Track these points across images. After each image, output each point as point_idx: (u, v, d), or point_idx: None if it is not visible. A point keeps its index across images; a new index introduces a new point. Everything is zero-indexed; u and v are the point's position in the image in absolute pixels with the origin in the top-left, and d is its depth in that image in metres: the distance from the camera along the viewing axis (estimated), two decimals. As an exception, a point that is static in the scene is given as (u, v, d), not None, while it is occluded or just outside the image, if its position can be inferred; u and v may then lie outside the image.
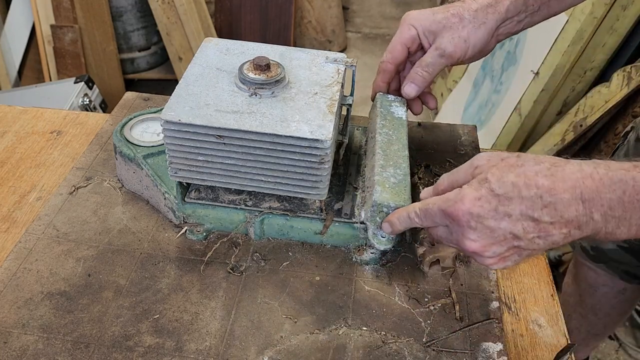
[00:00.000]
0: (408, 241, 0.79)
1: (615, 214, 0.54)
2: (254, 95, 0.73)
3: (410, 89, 0.81)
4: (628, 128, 1.10)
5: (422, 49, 0.82)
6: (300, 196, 0.75)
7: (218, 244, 0.78)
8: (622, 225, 0.55)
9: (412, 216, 0.65)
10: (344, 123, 0.86)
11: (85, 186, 0.85)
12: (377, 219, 0.70)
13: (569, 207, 0.55)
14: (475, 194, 0.58)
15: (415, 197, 0.70)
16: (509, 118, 1.91)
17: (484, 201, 0.57)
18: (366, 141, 0.84)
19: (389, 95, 0.85)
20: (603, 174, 0.54)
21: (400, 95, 0.84)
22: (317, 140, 0.69)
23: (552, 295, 0.75)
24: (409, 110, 0.85)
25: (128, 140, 0.84)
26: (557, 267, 1.81)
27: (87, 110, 2.19)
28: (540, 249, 0.58)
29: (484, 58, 2.30)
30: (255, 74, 0.74)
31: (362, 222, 0.76)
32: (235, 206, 0.78)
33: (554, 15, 0.83)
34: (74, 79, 2.27)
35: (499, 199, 0.56)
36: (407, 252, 0.78)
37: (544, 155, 0.59)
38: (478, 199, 0.57)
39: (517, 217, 0.56)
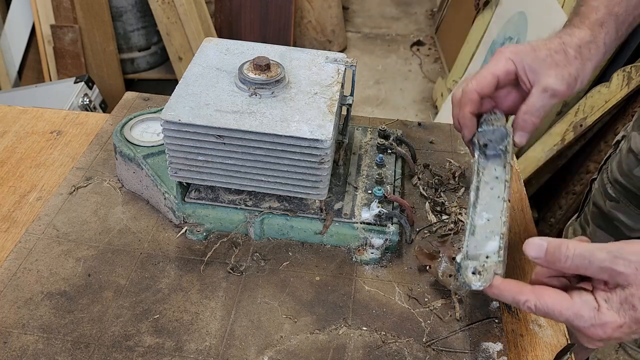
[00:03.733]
0: (408, 241, 0.79)
1: None
2: (254, 95, 0.73)
3: (522, 138, 0.73)
4: (619, 137, 1.10)
5: (513, 86, 0.74)
6: (300, 196, 0.75)
7: (218, 244, 0.78)
8: None
9: (525, 307, 0.57)
10: (344, 123, 0.86)
11: (85, 186, 0.85)
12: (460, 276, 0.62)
13: None
14: (618, 322, 0.53)
15: (414, 196, 0.69)
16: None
17: (625, 328, 0.53)
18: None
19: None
20: None
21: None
22: (317, 140, 0.69)
23: (552, 295, 0.75)
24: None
25: (128, 140, 0.84)
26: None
27: (87, 110, 2.19)
28: None
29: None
30: (255, 74, 0.74)
31: (362, 222, 0.76)
32: (235, 206, 0.78)
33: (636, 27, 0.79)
34: (74, 79, 2.27)
35: (631, 322, 0.53)
36: (407, 251, 0.78)
37: None
38: (620, 326, 0.53)
39: None
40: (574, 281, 0.59)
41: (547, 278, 0.59)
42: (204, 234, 0.78)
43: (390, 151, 0.88)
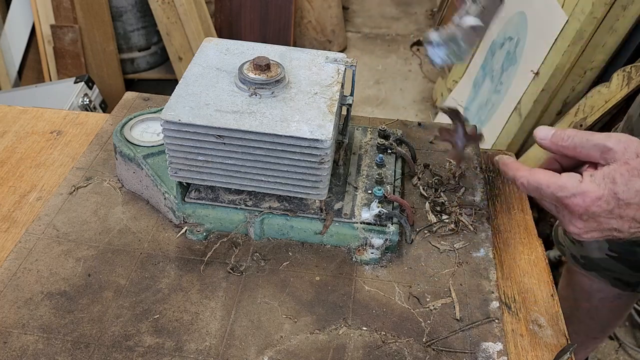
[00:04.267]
0: (408, 241, 0.79)
1: None
2: (254, 95, 0.73)
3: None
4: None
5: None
6: (300, 196, 0.75)
7: (218, 244, 0.78)
8: None
9: (519, 183, 0.65)
10: (344, 123, 0.86)
11: (85, 186, 0.85)
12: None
13: None
14: (597, 192, 0.57)
15: (414, 196, 0.69)
16: (509, 118, 1.91)
17: (603, 201, 0.57)
18: None
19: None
20: None
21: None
22: (317, 140, 0.69)
23: (552, 295, 0.75)
24: None
25: (128, 140, 0.84)
26: (557, 267, 1.81)
27: (87, 110, 2.19)
28: (632, 239, 0.61)
29: (483, 60, 2.30)
30: (255, 74, 0.74)
31: (362, 222, 0.76)
32: (235, 206, 0.78)
33: None
34: (74, 79, 2.27)
35: (618, 202, 0.57)
36: (407, 251, 0.78)
37: None
38: (599, 198, 0.57)
39: (627, 219, 0.58)
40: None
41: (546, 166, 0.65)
42: (204, 234, 0.78)
43: (390, 151, 0.88)
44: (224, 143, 0.71)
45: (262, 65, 0.74)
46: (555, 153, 0.66)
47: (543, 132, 0.65)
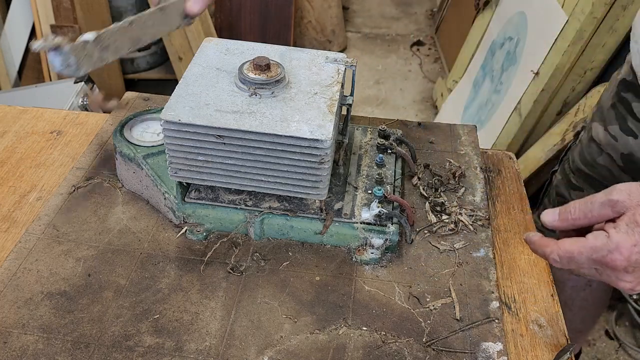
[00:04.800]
0: (408, 241, 0.79)
1: None
2: (254, 95, 0.73)
3: (194, 4, 0.76)
4: (579, 127, 1.12)
5: None
6: (300, 196, 0.76)
7: (218, 244, 0.78)
8: None
9: (551, 259, 0.63)
10: (344, 123, 0.86)
11: (85, 186, 0.85)
12: None
13: None
14: (630, 240, 0.58)
15: (414, 196, 0.69)
16: (509, 118, 1.91)
17: (637, 248, 0.58)
18: None
19: None
20: None
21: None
22: (317, 140, 0.69)
23: (552, 295, 0.75)
24: None
25: (128, 140, 0.84)
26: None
27: (87, 110, 2.19)
28: None
29: (483, 60, 2.30)
30: (255, 74, 0.74)
31: (362, 222, 0.76)
32: (235, 206, 0.78)
33: None
34: (74, 79, 2.26)
35: None
36: (407, 251, 0.78)
37: None
38: (634, 245, 0.58)
39: None
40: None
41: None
42: (204, 234, 0.78)
43: (390, 151, 0.88)
44: (224, 143, 0.71)
45: (262, 65, 0.74)
46: (569, 229, 0.65)
47: (550, 216, 0.65)
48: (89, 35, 0.66)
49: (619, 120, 1.01)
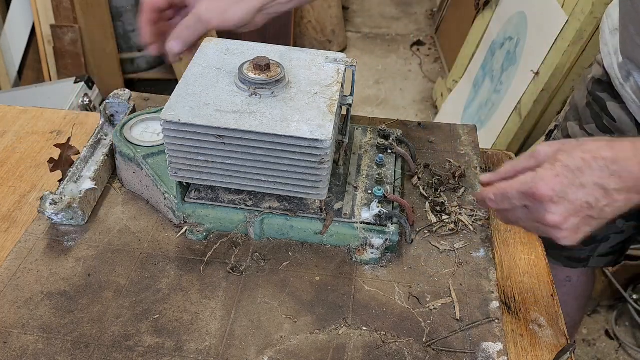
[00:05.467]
0: (408, 241, 0.79)
1: None
2: (253, 95, 0.73)
3: (174, 44, 0.82)
4: (552, 126, 1.14)
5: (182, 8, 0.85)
6: (300, 196, 0.76)
7: (218, 244, 0.78)
8: None
9: (488, 199, 0.69)
10: (344, 123, 0.86)
11: (85, 186, 0.85)
12: None
13: (631, 174, 0.63)
14: (552, 172, 0.64)
15: (414, 196, 0.70)
16: (509, 118, 1.91)
17: (562, 177, 0.63)
18: None
19: None
20: None
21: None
22: (317, 140, 0.69)
23: (552, 295, 0.75)
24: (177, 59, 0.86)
25: (128, 140, 0.84)
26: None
27: (87, 110, 2.19)
28: (606, 217, 0.65)
29: (483, 60, 2.29)
30: (255, 74, 0.74)
31: (362, 222, 0.76)
32: (235, 206, 0.78)
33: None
34: (74, 79, 2.26)
35: (574, 172, 0.63)
36: (407, 251, 0.78)
37: (596, 137, 0.65)
38: (557, 176, 0.63)
39: (590, 187, 0.63)
40: None
41: None
42: (204, 234, 0.78)
43: (390, 151, 0.88)
44: (224, 143, 0.71)
45: (262, 65, 0.74)
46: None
47: (486, 176, 0.72)
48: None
49: (594, 118, 1.04)
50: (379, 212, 0.76)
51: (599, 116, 1.02)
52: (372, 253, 0.76)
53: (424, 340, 0.67)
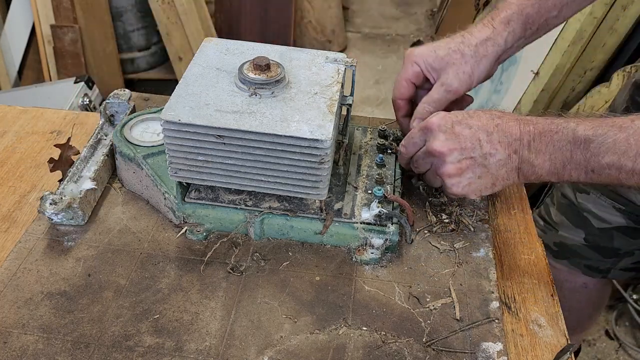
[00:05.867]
0: (408, 241, 0.79)
1: (537, 145, 0.71)
2: (253, 95, 0.73)
3: (416, 124, 0.85)
4: None
5: (427, 81, 0.86)
6: (300, 196, 0.75)
7: (218, 244, 0.78)
8: (539, 157, 0.70)
9: (401, 151, 0.81)
10: (344, 123, 0.86)
11: (85, 186, 0.85)
12: None
13: (511, 134, 0.71)
14: (442, 113, 0.75)
15: (414, 196, 0.70)
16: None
17: (452, 115, 0.74)
18: None
19: None
20: (534, 117, 0.73)
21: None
22: (317, 140, 0.69)
23: (552, 295, 0.75)
24: None
25: (128, 140, 0.84)
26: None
27: (87, 110, 2.19)
28: (490, 169, 0.72)
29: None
30: (255, 74, 0.74)
31: (362, 222, 0.76)
32: (235, 206, 0.78)
33: (551, 30, 0.90)
34: (74, 79, 2.27)
35: (463, 115, 0.74)
36: (407, 251, 0.78)
37: None
38: (447, 114, 0.74)
39: (475, 129, 0.72)
40: None
41: None
42: (204, 234, 0.78)
43: (390, 151, 0.88)
44: (224, 143, 0.71)
45: (262, 65, 0.74)
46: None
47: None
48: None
49: None
50: (379, 212, 0.76)
51: None
52: (372, 253, 0.76)
53: (424, 340, 0.67)
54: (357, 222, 0.77)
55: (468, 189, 0.74)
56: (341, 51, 3.15)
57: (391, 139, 0.90)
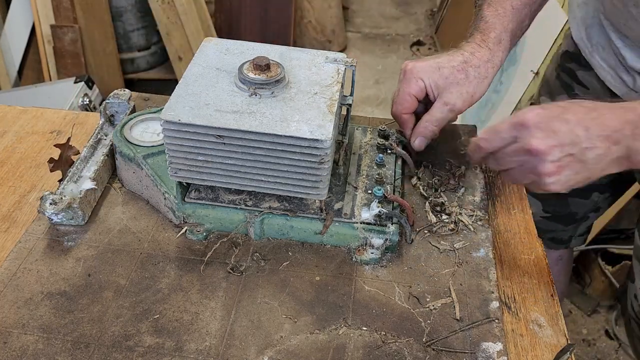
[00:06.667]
0: (408, 241, 0.79)
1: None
2: (253, 95, 0.73)
3: (420, 142, 0.87)
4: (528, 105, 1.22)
5: (427, 96, 0.87)
6: (300, 196, 0.76)
7: (218, 244, 0.78)
8: None
9: (481, 140, 0.73)
10: (344, 123, 0.86)
11: (85, 186, 0.85)
12: None
13: (608, 125, 0.67)
14: (539, 107, 0.69)
15: (414, 196, 0.70)
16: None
17: (548, 110, 0.68)
18: None
19: None
20: (627, 103, 0.69)
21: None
22: (317, 140, 0.69)
23: (552, 295, 0.75)
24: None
25: (128, 140, 0.84)
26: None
27: (87, 110, 2.19)
28: (588, 165, 0.68)
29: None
30: (255, 74, 0.74)
31: (362, 222, 0.76)
32: (235, 206, 0.78)
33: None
34: (74, 79, 2.27)
35: (559, 109, 0.69)
36: (407, 251, 0.78)
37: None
38: (543, 108, 0.69)
39: (573, 124, 0.67)
40: None
41: None
42: (204, 234, 0.78)
43: (390, 151, 0.88)
44: (224, 143, 0.71)
45: (262, 65, 0.74)
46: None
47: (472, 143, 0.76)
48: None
49: (565, 88, 1.09)
50: (379, 212, 0.76)
51: (570, 86, 1.07)
52: (372, 253, 0.76)
53: (424, 340, 0.67)
54: (357, 222, 0.77)
55: (566, 185, 0.71)
56: (341, 51, 3.15)
57: (391, 139, 0.90)
